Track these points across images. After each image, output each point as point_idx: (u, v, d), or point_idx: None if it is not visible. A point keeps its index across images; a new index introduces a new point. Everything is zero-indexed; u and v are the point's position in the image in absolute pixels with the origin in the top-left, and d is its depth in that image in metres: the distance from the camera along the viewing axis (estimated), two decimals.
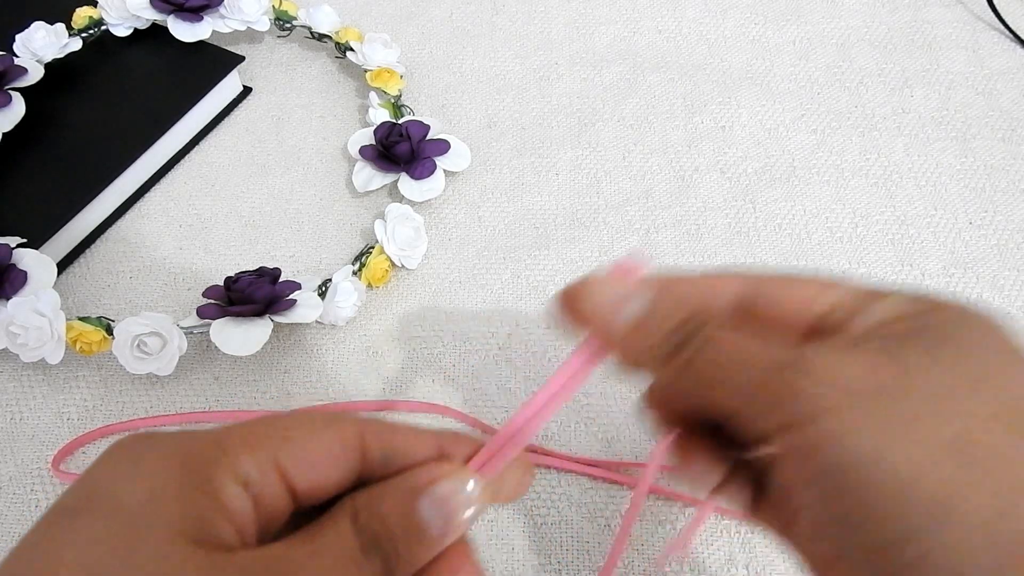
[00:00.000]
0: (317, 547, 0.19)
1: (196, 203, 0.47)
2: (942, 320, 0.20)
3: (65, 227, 0.44)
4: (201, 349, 0.42)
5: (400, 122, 0.48)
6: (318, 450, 0.20)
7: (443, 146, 0.47)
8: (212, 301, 0.40)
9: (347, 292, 0.41)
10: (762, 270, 0.24)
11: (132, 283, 0.44)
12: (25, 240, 0.41)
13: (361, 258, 0.43)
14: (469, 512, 0.20)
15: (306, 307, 0.40)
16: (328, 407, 0.40)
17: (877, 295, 0.22)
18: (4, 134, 0.45)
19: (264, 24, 0.52)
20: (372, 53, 0.50)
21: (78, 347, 0.39)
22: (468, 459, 0.21)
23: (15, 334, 0.38)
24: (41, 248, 0.42)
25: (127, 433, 0.21)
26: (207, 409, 0.40)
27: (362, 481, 0.21)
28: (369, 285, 0.43)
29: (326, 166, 0.49)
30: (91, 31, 0.50)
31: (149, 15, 0.50)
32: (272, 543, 0.19)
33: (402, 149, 0.45)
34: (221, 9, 0.51)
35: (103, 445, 0.39)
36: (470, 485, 0.21)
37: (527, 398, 0.23)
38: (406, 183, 0.46)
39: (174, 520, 0.18)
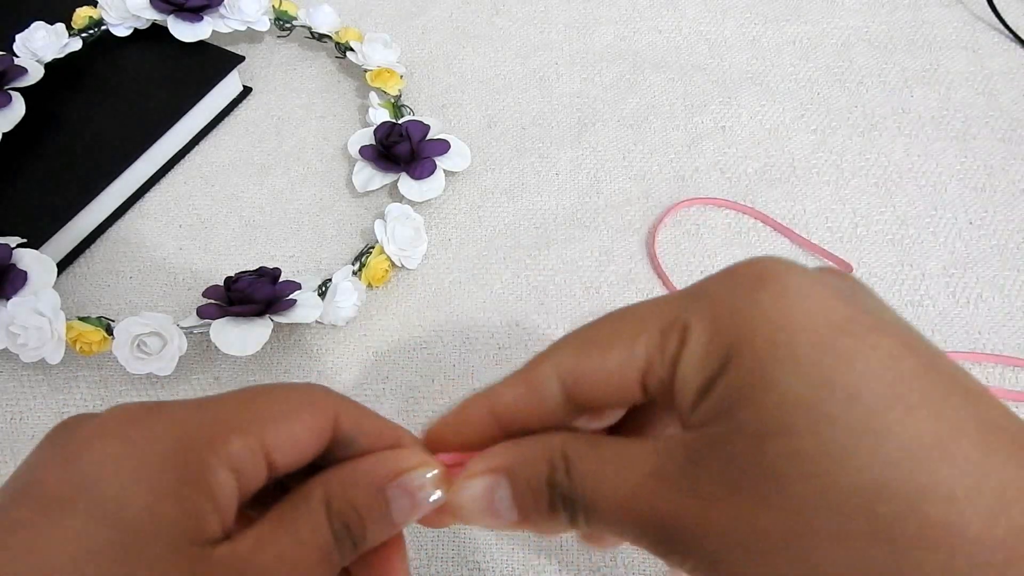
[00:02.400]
0: (293, 539, 0.20)
1: (196, 203, 0.47)
2: (750, 388, 0.18)
3: (65, 227, 0.44)
4: (201, 349, 0.42)
5: (400, 122, 0.48)
6: (301, 432, 0.21)
7: (443, 146, 0.47)
8: (212, 301, 0.40)
9: (347, 292, 0.41)
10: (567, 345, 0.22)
11: (132, 283, 0.44)
12: (25, 240, 0.41)
13: (361, 258, 0.43)
14: (433, 500, 0.22)
15: (306, 307, 0.40)
16: None
17: (675, 345, 0.20)
18: (4, 134, 0.45)
19: (264, 24, 0.52)
20: (372, 53, 0.50)
21: (78, 347, 0.39)
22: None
23: (15, 334, 0.38)
24: (41, 248, 0.42)
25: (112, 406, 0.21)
26: None
27: (328, 454, 0.22)
28: (369, 285, 0.43)
29: (326, 166, 0.49)
30: (91, 31, 0.50)
31: (149, 15, 0.50)
32: (246, 531, 0.20)
33: (402, 149, 0.45)
34: (221, 9, 0.51)
35: None
36: (434, 474, 0.22)
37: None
38: (406, 183, 0.46)
39: (173, 525, 0.18)
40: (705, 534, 0.18)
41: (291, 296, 0.40)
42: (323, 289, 0.42)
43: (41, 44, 0.48)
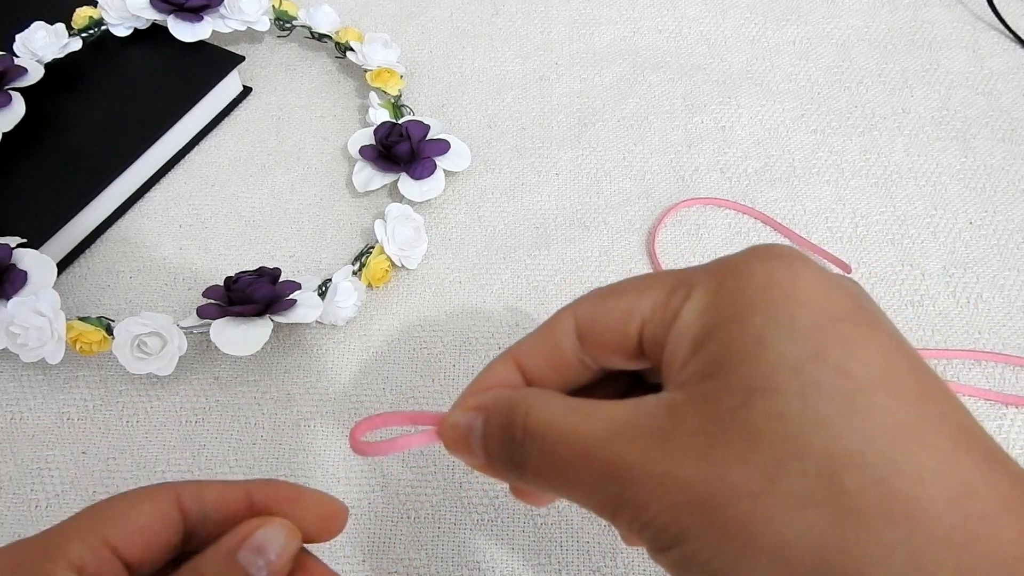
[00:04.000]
0: None
1: (196, 203, 0.47)
2: (737, 350, 0.19)
3: (65, 227, 0.44)
4: (201, 349, 0.42)
5: (400, 122, 0.48)
6: (141, 521, 0.22)
7: (443, 146, 0.47)
8: (212, 301, 0.40)
9: (347, 292, 0.41)
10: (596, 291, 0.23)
11: (132, 283, 0.44)
12: (25, 240, 0.41)
13: (361, 258, 0.43)
14: (284, 551, 0.22)
15: (306, 307, 0.40)
16: None
17: (679, 300, 0.21)
18: (4, 134, 0.45)
19: (264, 24, 0.52)
20: (372, 53, 0.50)
21: (78, 347, 0.39)
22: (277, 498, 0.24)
23: (15, 334, 0.38)
24: (41, 248, 0.42)
25: None
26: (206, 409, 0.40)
27: (188, 539, 0.23)
28: (369, 285, 0.43)
29: (326, 166, 0.49)
30: (91, 31, 0.50)
31: (149, 15, 0.50)
32: None
33: (402, 149, 0.45)
34: (221, 9, 0.51)
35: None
36: (276, 527, 0.22)
37: None
38: (406, 183, 0.46)
39: None
40: (669, 488, 0.18)
41: (291, 296, 0.40)
42: (323, 289, 0.42)
43: (41, 44, 0.48)
